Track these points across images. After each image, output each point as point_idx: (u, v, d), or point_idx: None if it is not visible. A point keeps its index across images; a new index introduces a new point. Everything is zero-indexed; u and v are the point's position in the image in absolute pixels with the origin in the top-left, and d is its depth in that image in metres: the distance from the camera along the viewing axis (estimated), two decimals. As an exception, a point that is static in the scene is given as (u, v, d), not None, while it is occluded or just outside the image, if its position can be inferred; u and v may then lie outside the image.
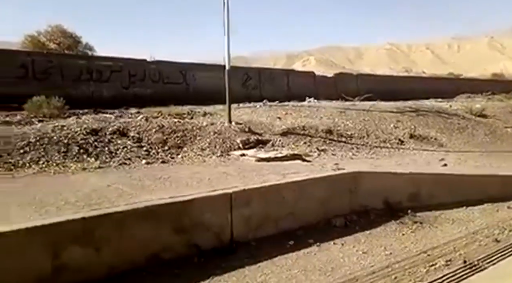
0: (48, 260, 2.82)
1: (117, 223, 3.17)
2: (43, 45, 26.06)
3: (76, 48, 27.49)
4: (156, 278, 3.18)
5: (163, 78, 14.92)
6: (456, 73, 46.14)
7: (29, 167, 4.73)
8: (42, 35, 26.97)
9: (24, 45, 22.99)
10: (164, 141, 6.36)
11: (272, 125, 8.28)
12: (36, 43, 25.12)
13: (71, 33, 28.28)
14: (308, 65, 70.66)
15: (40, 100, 7.67)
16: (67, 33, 28.05)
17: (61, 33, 27.89)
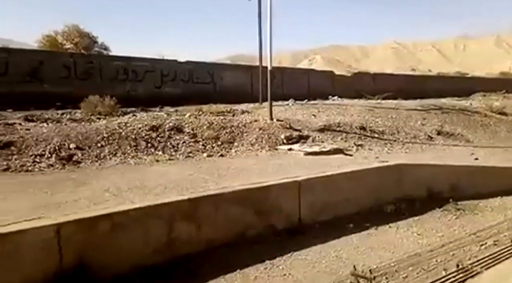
0: (165, 233, 3.35)
1: (213, 204, 3.69)
2: (61, 45, 26.86)
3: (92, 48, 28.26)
4: (243, 252, 3.68)
5: (192, 78, 15.50)
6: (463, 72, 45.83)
7: (110, 159, 5.29)
8: (59, 35, 27.77)
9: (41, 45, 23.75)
10: (216, 137, 6.87)
11: (309, 122, 8.74)
12: (54, 43, 25.91)
13: (87, 33, 28.99)
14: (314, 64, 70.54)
15: (96, 99, 8.27)
16: (83, 33, 28.77)
17: (77, 33, 28.63)
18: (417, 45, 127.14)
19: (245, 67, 19.21)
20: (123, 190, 3.79)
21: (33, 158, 4.89)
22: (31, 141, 5.35)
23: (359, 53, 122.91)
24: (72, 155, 5.09)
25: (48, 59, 11.81)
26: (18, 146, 5.13)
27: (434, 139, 9.65)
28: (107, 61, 13.25)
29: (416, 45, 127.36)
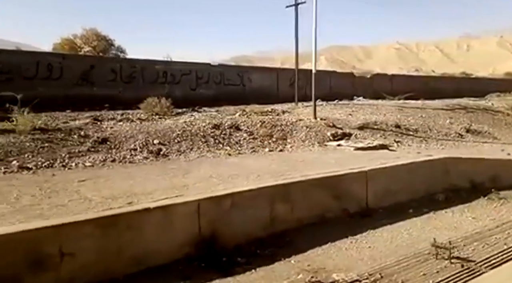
0: (268, 212, 3.98)
1: (301, 189, 4.30)
2: (79, 48, 27.70)
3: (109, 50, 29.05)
4: (328, 229, 4.28)
5: (224, 80, 16.18)
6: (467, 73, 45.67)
7: (190, 153, 5.95)
8: (78, 38, 28.61)
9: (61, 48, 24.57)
10: (270, 134, 7.50)
11: (348, 121, 9.31)
12: (72, 46, 26.76)
13: (104, 36, 29.81)
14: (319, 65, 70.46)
15: (154, 101, 8.97)
16: (101, 36, 29.58)
17: (95, 36, 29.45)
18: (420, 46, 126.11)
19: (271, 69, 19.85)
20: (225, 177, 4.43)
21: (129, 151, 5.58)
22: (120, 137, 6.05)
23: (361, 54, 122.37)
24: (160, 149, 5.77)
25: (98, 64, 12.60)
26: (112, 142, 5.83)
27: (464, 136, 10.12)
28: (148, 65, 14.00)
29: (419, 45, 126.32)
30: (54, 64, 11.63)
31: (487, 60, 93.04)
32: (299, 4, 11.37)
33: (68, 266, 2.79)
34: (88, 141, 5.71)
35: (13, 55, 11.51)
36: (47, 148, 5.20)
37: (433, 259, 3.55)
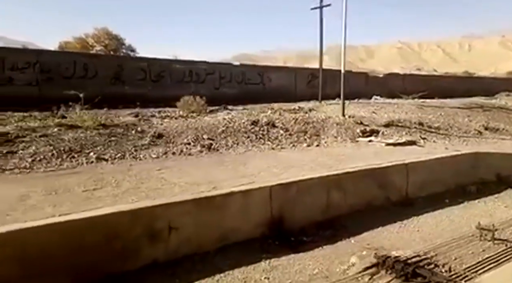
0: (325, 199, 4.42)
1: (351, 179, 4.74)
2: (91, 47, 28.20)
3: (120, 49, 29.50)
4: (376, 215, 4.70)
5: (245, 80, 16.62)
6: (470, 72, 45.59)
7: (237, 147, 6.41)
8: (90, 37, 29.09)
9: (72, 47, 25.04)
10: (304, 131, 7.92)
11: (373, 118, 9.70)
12: (84, 45, 27.28)
13: (115, 35, 30.26)
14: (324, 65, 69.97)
15: (190, 99, 9.44)
16: (112, 35, 30.05)
17: (106, 35, 29.93)
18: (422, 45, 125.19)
19: (289, 69, 20.27)
20: (281, 167, 4.88)
21: (184, 145, 6.05)
22: (173, 133, 6.52)
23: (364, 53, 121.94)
24: (211, 144, 6.23)
25: (129, 64, 13.12)
26: (167, 137, 6.30)
27: (483, 133, 10.45)
28: (175, 65, 14.48)
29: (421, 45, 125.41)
30: (89, 64, 12.18)
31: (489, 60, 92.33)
32: (323, 6, 11.76)
33: (174, 239, 3.27)
34: (146, 136, 6.18)
35: (53, 56, 12.05)
36: (113, 142, 5.69)
37: (478, 241, 3.97)
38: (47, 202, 3.26)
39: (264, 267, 3.28)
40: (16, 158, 4.68)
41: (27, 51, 12.73)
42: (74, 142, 5.41)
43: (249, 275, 3.13)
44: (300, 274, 3.19)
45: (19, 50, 12.30)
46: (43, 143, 5.19)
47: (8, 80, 10.67)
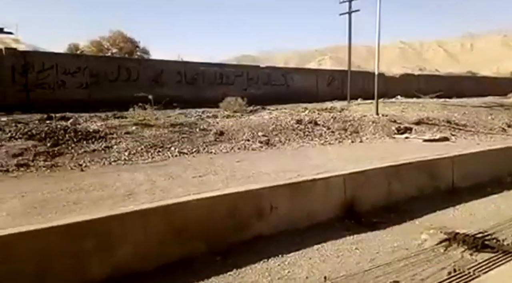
0: (386, 186, 4.93)
1: (406, 169, 5.24)
2: (107, 49, 28.82)
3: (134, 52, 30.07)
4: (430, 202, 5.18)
5: (271, 81, 17.18)
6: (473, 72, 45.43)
7: (291, 143, 6.95)
8: (106, 40, 29.72)
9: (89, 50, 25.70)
10: (344, 128, 8.44)
11: (404, 117, 10.16)
12: (99, 48, 27.92)
13: (130, 38, 30.85)
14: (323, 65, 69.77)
15: (232, 100, 10.02)
16: (127, 38, 30.65)
17: (122, 38, 30.52)
18: (423, 45, 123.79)
19: (311, 71, 20.81)
20: (340, 159, 5.41)
21: (244, 141, 6.62)
22: (230, 130, 7.10)
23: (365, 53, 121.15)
24: (268, 140, 6.79)
25: (166, 67, 13.77)
26: (227, 134, 6.88)
27: (507, 130, 10.83)
28: (207, 68, 15.10)
29: (423, 44, 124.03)
30: (132, 68, 12.85)
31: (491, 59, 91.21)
32: (352, 12, 12.23)
33: (274, 216, 3.82)
34: (209, 133, 6.77)
35: (99, 61, 12.76)
36: (185, 139, 6.28)
37: (526, 222, 4.45)
38: (173, 185, 3.85)
39: (351, 240, 3.81)
40: (114, 152, 5.29)
41: (77, 56, 13.45)
42: (154, 138, 6.02)
43: (340, 247, 3.67)
44: (383, 246, 3.71)
45: (70, 55, 13.04)
46: (130, 140, 5.80)
47: (61, 84, 11.39)
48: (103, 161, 4.94)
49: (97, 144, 5.48)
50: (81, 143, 5.42)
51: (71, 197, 3.41)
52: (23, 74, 10.63)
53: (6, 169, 4.34)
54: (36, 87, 10.88)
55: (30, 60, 10.76)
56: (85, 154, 5.13)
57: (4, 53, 10.33)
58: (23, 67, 10.62)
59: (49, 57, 11.27)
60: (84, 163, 4.80)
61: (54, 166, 4.61)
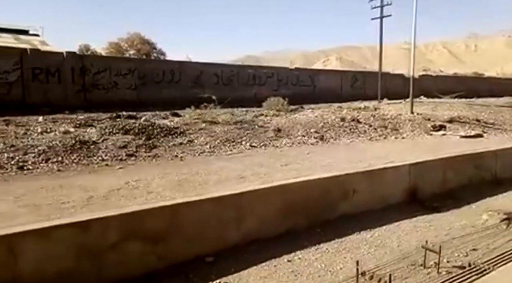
0: (441, 175, 5.47)
1: (456, 161, 5.76)
2: (125, 51, 29.55)
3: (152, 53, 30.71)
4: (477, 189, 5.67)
5: (299, 82, 17.75)
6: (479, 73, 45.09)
7: (342, 139, 7.52)
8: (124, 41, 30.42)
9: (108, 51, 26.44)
10: (384, 126, 8.95)
11: (435, 115, 10.61)
12: (118, 50, 28.68)
13: (147, 40, 31.52)
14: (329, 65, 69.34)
15: (275, 100, 10.62)
16: (144, 40, 31.33)
17: (139, 39, 31.22)
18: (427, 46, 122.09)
19: (336, 72, 21.31)
20: (396, 152, 5.95)
21: (300, 137, 7.21)
22: (285, 127, 7.69)
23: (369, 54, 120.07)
24: (322, 136, 7.37)
25: (205, 69, 14.46)
26: (284, 131, 7.48)
27: (532, 129, 11.19)
28: (242, 70, 15.76)
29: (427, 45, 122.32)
30: (176, 71, 13.57)
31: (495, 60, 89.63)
32: (384, 17, 12.71)
33: (355, 199, 4.41)
34: (268, 130, 7.38)
35: (147, 63, 13.51)
36: (250, 134, 6.90)
37: None
38: (269, 171, 4.47)
39: (423, 219, 4.38)
40: (197, 145, 5.94)
41: (127, 59, 14.25)
42: (224, 134, 6.65)
43: (416, 224, 4.23)
44: (452, 224, 4.26)
45: (121, 58, 13.83)
46: (205, 135, 6.45)
47: (114, 85, 12.15)
48: (192, 153, 5.59)
49: (180, 139, 6.14)
50: (167, 137, 6.09)
51: (197, 179, 4.06)
52: (81, 76, 11.41)
53: (120, 158, 5.02)
54: (93, 88, 11.66)
55: (87, 63, 11.54)
56: (174, 147, 5.79)
57: (65, 56, 11.12)
58: (81, 69, 11.40)
59: (104, 60, 12.03)
60: (178, 154, 5.46)
61: (156, 156, 5.28)
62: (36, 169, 4.38)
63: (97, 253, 2.71)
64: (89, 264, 2.67)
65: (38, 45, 19.40)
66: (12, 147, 4.81)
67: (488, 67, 72.81)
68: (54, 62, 10.84)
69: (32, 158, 4.62)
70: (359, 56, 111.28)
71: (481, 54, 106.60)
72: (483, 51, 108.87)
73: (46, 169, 4.42)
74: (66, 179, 4.02)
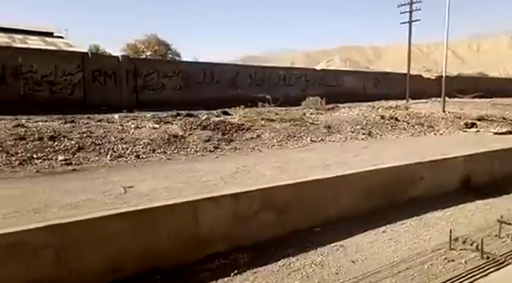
0: (488, 166, 5.99)
1: (500, 153, 6.28)
2: (142, 52, 30.21)
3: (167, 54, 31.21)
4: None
5: (325, 82, 18.28)
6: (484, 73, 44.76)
7: (386, 135, 8.07)
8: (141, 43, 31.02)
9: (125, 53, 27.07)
10: (420, 123, 9.47)
11: (465, 114, 11.07)
12: (136, 51, 29.34)
13: (163, 41, 32.07)
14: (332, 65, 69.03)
15: (314, 99, 11.21)
16: (160, 41, 31.89)
17: (156, 41, 31.79)
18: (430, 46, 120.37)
19: (359, 73, 21.78)
20: (444, 145, 6.49)
21: (350, 133, 7.79)
22: (333, 124, 8.28)
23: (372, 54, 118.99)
24: (370, 132, 7.94)
25: (241, 71, 15.13)
26: (333, 128, 8.06)
27: (557, 127, 11.54)
28: (273, 71, 16.39)
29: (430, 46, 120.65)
30: (215, 72, 14.26)
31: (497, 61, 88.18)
32: (413, 21, 13.17)
33: (421, 185, 4.98)
34: (319, 126, 7.97)
35: (190, 65, 14.23)
36: (306, 130, 7.51)
37: None
38: (346, 160, 5.07)
39: (481, 203, 4.92)
40: (266, 140, 6.58)
41: (173, 62, 15.01)
42: (284, 130, 7.28)
43: (478, 207, 4.78)
44: (509, 206, 4.81)
45: (168, 61, 14.59)
46: (269, 131, 7.08)
47: (162, 86, 12.89)
48: (264, 146, 6.23)
49: (249, 134, 6.78)
50: (238, 133, 6.74)
51: (291, 166, 4.69)
52: (134, 77, 12.17)
53: (209, 149, 5.69)
54: (143, 89, 12.41)
55: (138, 66, 12.29)
56: (247, 141, 6.44)
57: (121, 60, 11.88)
58: (134, 72, 12.15)
59: (153, 63, 12.77)
60: (254, 147, 6.10)
61: (236, 148, 5.93)
62: (149, 158, 5.07)
63: (245, 219, 3.35)
64: (240, 226, 3.32)
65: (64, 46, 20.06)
66: (121, 140, 5.51)
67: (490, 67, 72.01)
68: (111, 65, 11.61)
69: (141, 148, 5.31)
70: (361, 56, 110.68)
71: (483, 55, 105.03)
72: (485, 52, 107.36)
73: (157, 158, 5.11)
74: (183, 165, 4.70)
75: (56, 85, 10.73)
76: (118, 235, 2.70)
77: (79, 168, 4.33)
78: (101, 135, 5.53)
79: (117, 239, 2.69)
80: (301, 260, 3.15)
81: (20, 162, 4.33)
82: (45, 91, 10.58)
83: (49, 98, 10.57)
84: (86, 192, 3.36)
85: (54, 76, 10.67)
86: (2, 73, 9.93)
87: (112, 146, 5.23)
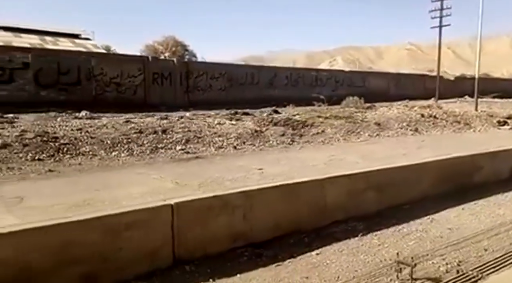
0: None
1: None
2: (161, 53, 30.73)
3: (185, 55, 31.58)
4: None
5: (353, 83, 18.81)
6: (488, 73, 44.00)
7: (430, 131, 8.60)
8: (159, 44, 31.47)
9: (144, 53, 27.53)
10: (457, 121, 9.94)
11: (495, 112, 11.48)
12: (154, 52, 29.88)
13: (181, 42, 32.47)
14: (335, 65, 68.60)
15: (353, 99, 11.78)
16: (178, 42, 32.31)
17: (174, 42, 32.23)
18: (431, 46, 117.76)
19: (384, 74, 22.22)
20: (488, 140, 7.01)
21: (399, 129, 8.35)
22: (381, 121, 8.85)
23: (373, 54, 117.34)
24: (416, 128, 8.50)
25: (278, 72, 15.82)
26: (382, 124, 8.64)
27: None
28: (306, 72, 17.03)
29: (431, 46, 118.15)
30: (255, 73, 14.97)
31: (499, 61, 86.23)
32: (443, 26, 13.58)
33: (481, 173, 5.55)
34: (370, 123, 8.56)
35: (234, 67, 14.99)
36: (359, 127, 8.12)
37: None
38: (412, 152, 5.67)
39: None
40: (329, 135, 7.22)
41: (220, 64, 15.79)
42: (342, 126, 7.90)
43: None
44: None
45: (215, 64, 15.37)
46: (330, 127, 7.71)
47: (209, 87, 13.66)
48: (331, 140, 6.87)
49: (314, 130, 7.43)
50: (304, 128, 7.40)
51: (373, 155, 5.32)
52: (186, 79, 12.96)
53: (286, 143, 6.37)
54: (194, 89, 13.20)
55: (190, 68, 13.08)
56: (314, 135, 7.10)
57: (176, 62, 12.69)
58: (186, 74, 12.94)
59: (202, 65, 13.55)
60: (323, 141, 6.75)
61: (308, 142, 6.59)
62: (243, 149, 5.78)
63: (355, 195, 4.02)
64: (352, 201, 3.99)
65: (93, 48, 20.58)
66: (215, 133, 6.24)
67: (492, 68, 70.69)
68: (167, 68, 12.43)
69: (234, 141, 6.03)
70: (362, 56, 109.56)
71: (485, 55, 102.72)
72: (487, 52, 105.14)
73: (250, 149, 5.81)
74: (280, 154, 5.37)
75: (122, 86, 11.58)
76: (276, 202, 3.39)
77: (199, 156, 5.06)
78: (198, 130, 6.27)
79: (275, 204, 3.39)
80: (406, 227, 3.79)
81: (150, 151, 5.08)
82: (113, 92, 11.44)
83: (116, 98, 11.43)
84: (233, 172, 4.04)
85: (120, 78, 11.53)
86: (78, 76, 10.82)
87: (211, 139, 5.95)
